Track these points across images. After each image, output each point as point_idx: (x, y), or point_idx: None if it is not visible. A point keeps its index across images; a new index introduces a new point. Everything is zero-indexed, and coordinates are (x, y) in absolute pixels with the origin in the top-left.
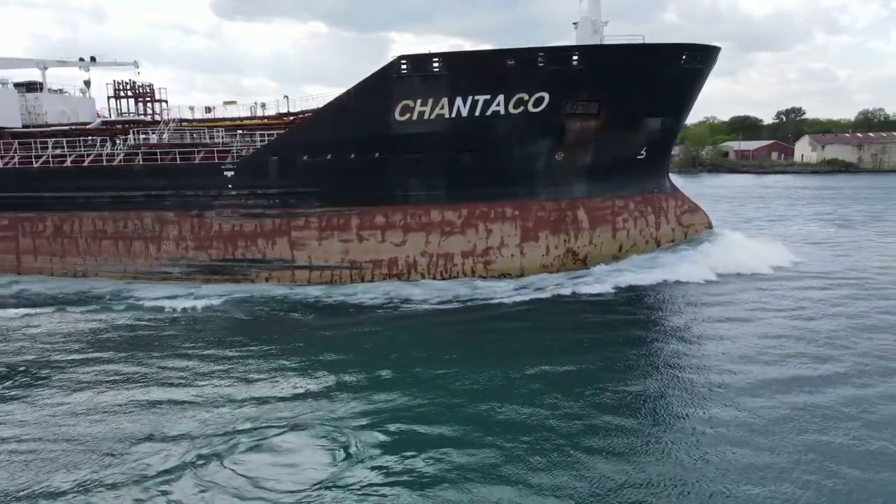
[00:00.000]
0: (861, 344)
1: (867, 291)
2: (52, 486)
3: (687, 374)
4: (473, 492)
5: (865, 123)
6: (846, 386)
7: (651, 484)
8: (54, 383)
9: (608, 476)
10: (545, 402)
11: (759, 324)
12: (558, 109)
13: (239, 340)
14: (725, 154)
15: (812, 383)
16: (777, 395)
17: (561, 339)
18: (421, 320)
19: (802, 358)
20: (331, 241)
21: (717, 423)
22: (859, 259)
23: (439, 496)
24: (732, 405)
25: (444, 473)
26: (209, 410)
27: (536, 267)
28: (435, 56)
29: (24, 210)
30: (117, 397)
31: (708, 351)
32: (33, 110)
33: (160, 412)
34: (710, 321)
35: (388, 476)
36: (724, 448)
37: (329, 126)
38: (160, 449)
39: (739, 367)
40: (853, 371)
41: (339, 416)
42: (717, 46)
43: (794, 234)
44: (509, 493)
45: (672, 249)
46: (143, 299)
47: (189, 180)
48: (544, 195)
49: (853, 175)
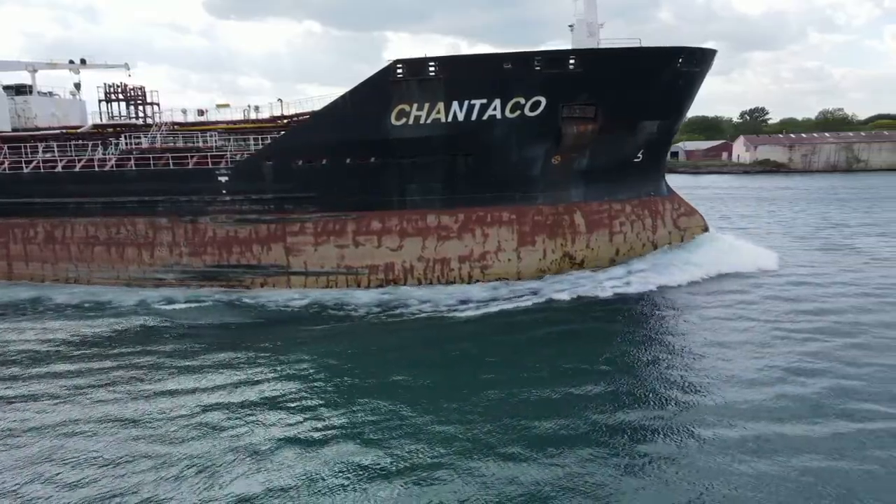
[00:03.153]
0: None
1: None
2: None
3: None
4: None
5: (823, 123)
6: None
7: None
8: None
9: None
10: (527, 400)
11: (754, 326)
12: (555, 113)
13: (223, 345)
14: (675, 154)
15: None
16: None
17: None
18: (412, 326)
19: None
20: (326, 246)
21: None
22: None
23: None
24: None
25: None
26: (199, 422)
27: (533, 271)
28: (431, 60)
29: (14, 216)
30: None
31: (705, 363)
32: (23, 113)
33: (137, 421)
34: (700, 324)
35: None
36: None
37: (324, 131)
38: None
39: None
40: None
41: (327, 425)
42: (713, 49)
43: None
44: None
45: (668, 252)
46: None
47: (183, 185)
48: (541, 199)
49: (785, 175)
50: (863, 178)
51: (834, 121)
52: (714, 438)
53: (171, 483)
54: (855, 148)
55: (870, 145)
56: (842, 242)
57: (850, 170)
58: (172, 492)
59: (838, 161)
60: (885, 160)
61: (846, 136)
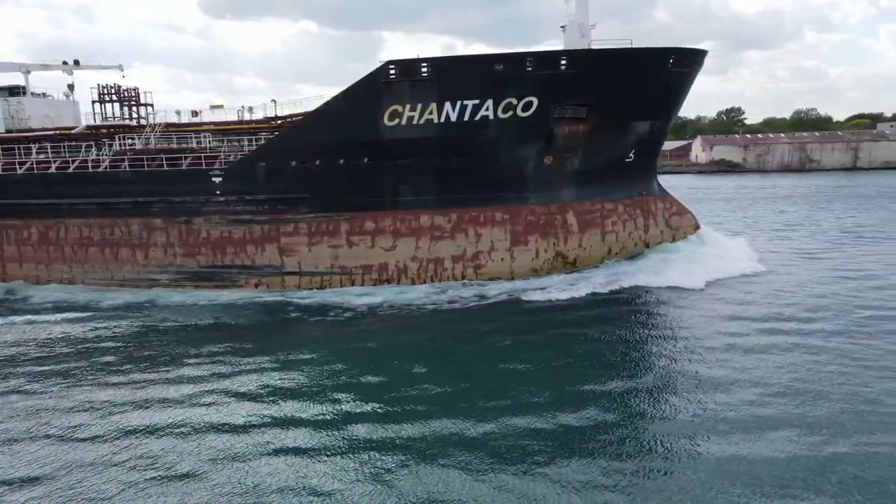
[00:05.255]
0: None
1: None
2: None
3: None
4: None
5: (798, 122)
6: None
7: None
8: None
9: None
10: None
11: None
12: (547, 114)
13: (220, 345)
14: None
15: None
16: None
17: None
18: (403, 323)
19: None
20: (320, 246)
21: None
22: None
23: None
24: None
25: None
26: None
27: (526, 271)
28: (423, 61)
29: (8, 217)
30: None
31: (693, 364)
32: (16, 115)
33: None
34: (693, 321)
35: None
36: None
37: (318, 132)
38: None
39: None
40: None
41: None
42: (704, 50)
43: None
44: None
45: (660, 251)
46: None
47: (177, 186)
48: (534, 199)
49: (739, 175)
50: (815, 178)
51: (808, 120)
52: (708, 439)
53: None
54: (808, 148)
55: (822, 146)
56: (822, 241)
57: (804, 170)
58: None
59: (792, 161)
60: (837, 160)
61: (800, 136)
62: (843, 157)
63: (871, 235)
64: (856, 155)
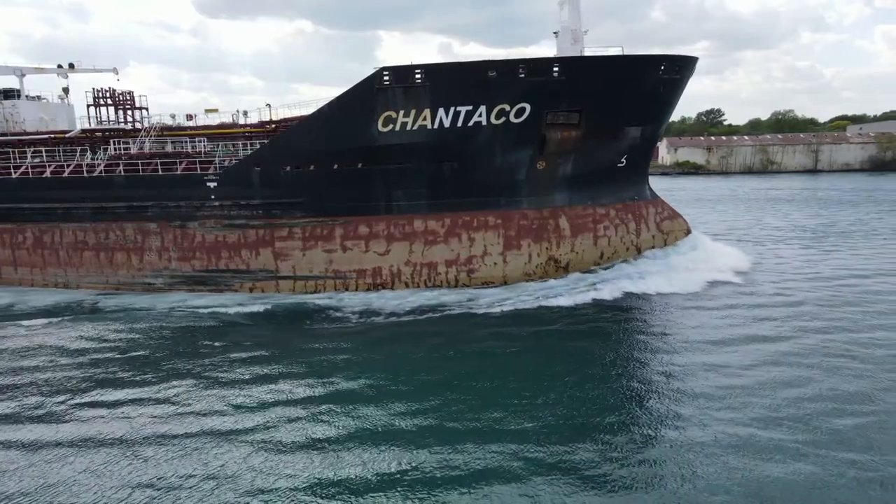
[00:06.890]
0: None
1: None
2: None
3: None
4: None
5: (777, 124)
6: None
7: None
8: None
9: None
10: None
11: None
12: (539, 119)
13: (213, 350)
14: None
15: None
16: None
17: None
18: (398, 329)
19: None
20: (314, 251)
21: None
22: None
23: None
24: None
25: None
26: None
27: (519, 275)
28: (417, 67)
29: (2, 221)
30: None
31: (686, 371)
32: (10, 118)
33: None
34: (681, 328)
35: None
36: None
37: (312, 137)
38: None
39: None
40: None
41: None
42: (695, 57)
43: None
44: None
45: (651, 256)
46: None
47: (171, 191)
48: (526, 204)
49: (703, 177)
50: (777, 179)
51: (786, 121)
52: (701, 441)
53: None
54: (769, 150)
55: (783, 148)
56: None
57: (765, 171)
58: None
59: (754, 163)
60: (798, 163)
61: (763, 138)
62: (804, 160)
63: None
64: (816, 157)
